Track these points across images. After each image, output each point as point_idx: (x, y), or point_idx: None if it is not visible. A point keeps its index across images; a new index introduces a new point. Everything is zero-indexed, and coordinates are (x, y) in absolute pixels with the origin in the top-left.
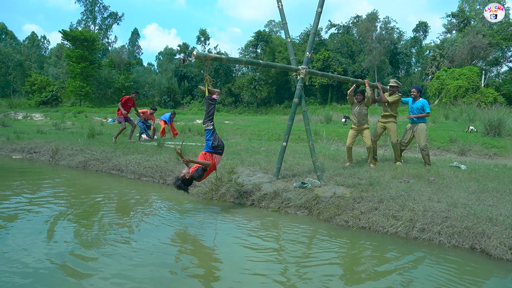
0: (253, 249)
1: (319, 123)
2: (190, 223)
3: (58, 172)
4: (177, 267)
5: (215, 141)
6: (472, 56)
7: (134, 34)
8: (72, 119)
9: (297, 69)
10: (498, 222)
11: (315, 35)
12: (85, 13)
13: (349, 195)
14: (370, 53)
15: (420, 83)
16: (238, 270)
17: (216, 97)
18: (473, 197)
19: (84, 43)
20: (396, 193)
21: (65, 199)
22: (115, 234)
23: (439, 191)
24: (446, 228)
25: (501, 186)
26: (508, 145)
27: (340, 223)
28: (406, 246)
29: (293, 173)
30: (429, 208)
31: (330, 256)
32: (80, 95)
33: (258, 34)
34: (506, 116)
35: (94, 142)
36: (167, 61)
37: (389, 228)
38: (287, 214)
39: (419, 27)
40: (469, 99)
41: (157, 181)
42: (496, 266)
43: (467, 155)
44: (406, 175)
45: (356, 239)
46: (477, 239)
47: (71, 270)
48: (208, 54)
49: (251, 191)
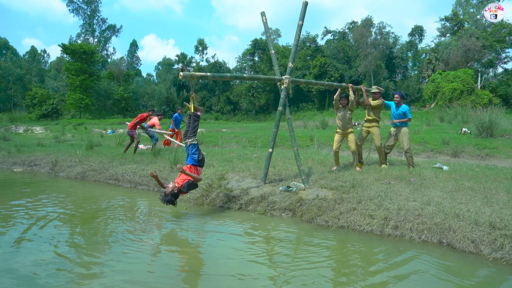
0: (238, 249)
1: (315, 128)
2: (181, 227)
3: (57, 183)
4: (167, 269)
5: (200, 155)
6: (467, 59)
7: (133, 46)
8: (72, 132)
9: (281, 79)
10: (464, 218)
11: (297, 46)
12: (83, 26)
13: (331, 197)
14: (365, 58)
15: (416, 87)
16: (225, 269)
17: (200, 114)
18: (447, 196)
19: (83, 56)
20: (375, 194)
21: (64, 207)
22: (112, 239)
23: (417, 191)
24: (417, 225)
25: (477, 185)
26: (500, 145)
27: (320, 223)
28: (379, 242)
29: (280, 177)
30: (403, 207)
31: (309, 253)
32: (80, 108)
33: (254, 42)
34: (497, 117)
35: (92, 154)
36: (166, 71)
37: (365, 226)
38: (273, 216)
39: (415, 31)
40: (464, 101)
41: (152, 189)
42: (459, 258)
43: (460, 157)
44: (389, 177)
45: (334, 238)
46: (444, 233)
47: (71, 273)
48: (194, 73)
49: (239, 196)
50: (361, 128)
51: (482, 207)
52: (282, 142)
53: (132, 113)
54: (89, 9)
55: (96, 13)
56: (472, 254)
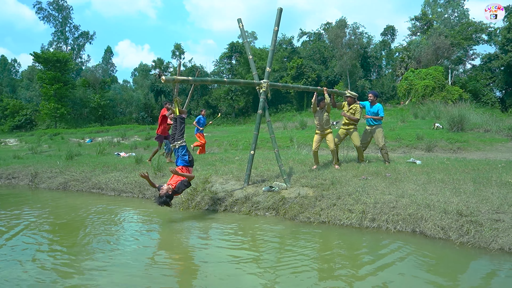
0: (225, 249)
1: (295, 129)
2: (169, 231)
3: (39, 194)
4: (156, 272)
5: (190, 156)
6: (437, 57)
7: (107, 52)
8: (48, 142)
9: (259, 83)
10: (435, 208)
11: (274, 51)
12: (55, 34)
13: (312, 195)
14: (341, 58)
15: (391, 84)
16: (214, 270)
17: (185, 116)
18: (420, 188)
19: (57, 64)
20: (353, 190)
21: (47, 217)
22: (99, 245)
23: (392, 185)
24: (392, 216)
25: (447, 177)
26: (470, 139)
27: (303, 220)
28: (358, 235)
29: (262, 178)
30: (379, 200)
31: (294, 249)
32: (55, 117)
33: (231, 46)
34: (467, 112)
35: (73, 164)
36: (143, 77)
37: (345, 220)
38: (257, 215)
39: (387, 31)
40: (436, 97)
41: (136, 196)
42: (430, 244)
43: (433, 151)
44: (366, 173)
45: (316, 233)
46: (417, 223)
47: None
48: (176, 77)
49: (224, 198)
50: (339, 128)
51: (451, 197)
52: (263, 144)
53: (110, 121)
54: (60, 16)
55: (68, 20)
56: (441, 240)
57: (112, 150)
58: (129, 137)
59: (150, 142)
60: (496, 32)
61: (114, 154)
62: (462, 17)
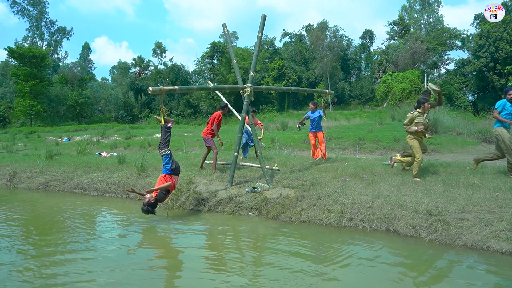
0: (209, 249)
1: (276, 130)
2: (153, 230)
3: (18, 195)
4: (138, 274)
5: (173, 164)
6: (414, 60)
7: (85, 49)
8: (23, 140)
9: (243, 87)
10: (407, 208)
11: (257, 56)
12: (30, 29)
13: (293, 195)
14: (322, 60)
15: (370, 87)
16: (198, 270)
17: (171, 125)
18: (394, 189)
19: (33, 60)
20: (332, 191)
21: (27, 219)
22: (82, 245)
23: (369, 186)
24: (368, 216)
25: (420, 178)
26: (444, 141)
27: (284, 220)
28: (336, 233)
29: (246, 179)
30: (356, 201)
31: (274, 245)
32: (30, 115)
33: (213, 46)
34: (441, 115)
35: (53, 163)
36: (122, 75)
37: (324, 220)
38: (240, 215)
39: (366, 35)
40: (413, 100)
41: (120, 196)
42: (402, 241)
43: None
44: (345, 175)
45: (296, 231)
46: (391, 222)
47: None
48: (162, 87)
49: (208, 198)
50: None
51: (422, 197)
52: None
53: (88, 119)
54: (35, 11)
55: (43, 15)
56: (412, 238)
57: (92, 149)
58: (109, 136)
59: (131, 141)
60: (469, 38)
61: (95, 154)
62: (437, 22)
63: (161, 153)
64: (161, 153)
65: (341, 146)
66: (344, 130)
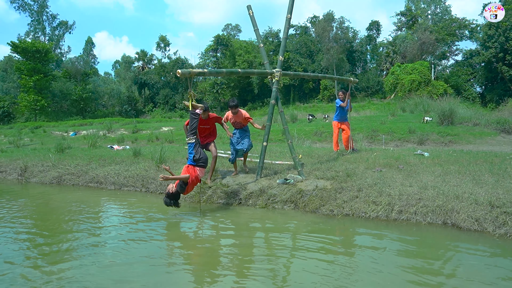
0: (246, 245)
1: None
2: (182, 225)
3: (32, 189)
4: (172, 269)
5: (197, 154)
6: (422, 52)
7: (88, 43)
8: (29, 135)
9: (272, 72)
10: (464, 199)
11: (286, 39)
12: (32, 23)
13: (330, 187)
14: (328, 52)
15: (376, 79)
16: (232, 265)
17: (199, 112)
18: (439, 180)
19: (36, 55)
20: (372, 182)
21: (44, 214)
22: (110, 242)
23: (409, 177)
24: (420, 208)
25: (461, 168)
26: (461, 132)
27: (325, 213)
28: (389, 227)
29: (273, 171)
30: (403, 192)
31: (324, 242)
32: (35, 110)
33: (217, 38)
34: (456, 106)
35: (65, 157)
36: (125, 70)
37: (370, 213)
38: (275, 209)
39: (372, 26)
40: (422, 92)
41: (139, 189)
42: (466, 236)
43: (425, 144)
44: (378, 165)
45: (343, 226)
46: (448, 215)
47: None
48: (192, 70)
49: (237, 191)
50: None
51: (474, 188)
52: (253, 138)
53: (92, 114)
54: (36, 5)
55: (44, 9)
56: (477, 232)
57: (101, 143)
58: (115, 130)
59: (138, 135)
60: (477, 28)
61: (107, 147)
62: (444, 13)
63: (186, 141)
64: (187, 141)
65: (354, 138)
66: (355, 122)
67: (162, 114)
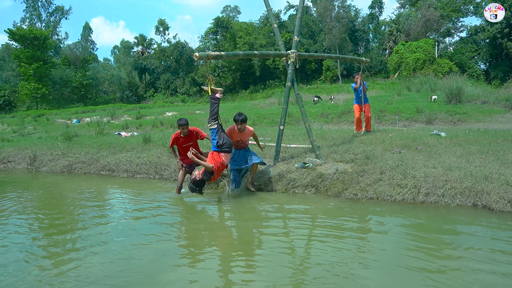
0: (274, 232)
1: (290, 104)
2: (202, 211)
3: (43, 178)
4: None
5: (220, 139)
6: (426, 29)
7: (86, 29)
8: (33, 124)
9: (287, 54)
10: (494, 180)
11: (301, 19)
12: (28, 10)
13: (351, 170)
14: (330, 32)
15: (378, 58)
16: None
17: (219, 96)
18: (463, 160)
19: (35, 42)
20: (394, 164)
21: (63, 202)
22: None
23: (431, 158)
24: (448, 190)
25: (483, 148)
26: (469, 110)
27: (349, 197)
28: (415, 210)
29: (289, 155)
30: (429, 174)
31: (352, 226)
32: (36, 98)
33: (217, 21)
34: (463, 84)
35: (74, 145)
36: (125, 55)
37: (396, 196)
38: (295, 194)
39: (374, 4)
40: (427, 71)
41: (153, 176)
42: (499, 218)
43: (433, 124)
44: (396, 146)
45: (367, 209)
46: (478, 196)
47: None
48: (209, 53)
49: (255, 176)
50: None
51: (502, 168)
52: (260, 120)
53: (93, 101)
54: None
55: None
56: (510, 214)
57: (107, 130)
58: (119, 116)
59: (142, 121)
60: (482, 4)
61: (115, 134)
62: None
63: (208, 127)
64: (208, 127)
65: None
66: None
67: (163, 99)
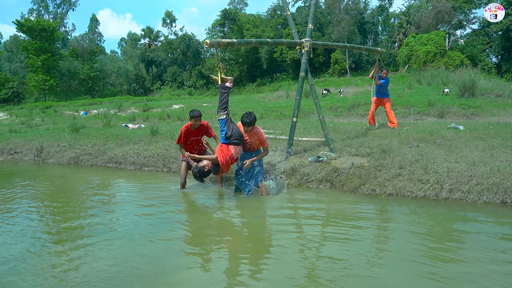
0: (286, 224)
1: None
2: (209, 204)
3: (50, 170)
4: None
5: (229, 130)
6: (437, 21)
7: (93, 21)
8: (40, 115)
9: (301, 42)
10: None
11: (316, 6)
12: (35, 1)
13: (367, 164)
14: (338, 24)
15: (388, 51)
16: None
17: (229, 85)
18: (486, 155)
19: (43, 34)
20: (413, 158)
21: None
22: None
23: (452, 152)
24: (474, 187)
25: (506, 142)
26: (483, 104)
27: (366, 192)
28: (439, 208)
29: (302, 148)
30: (452, 169)
31: (369, 224)
32: (44, 90)
33: (224, 13)
34: (477, 77)
35: (81, 137)
36: (132, 47)
37: (417, 192)
38: (310, 189)
39: None
40: (438, 63)
41: (160, 169)
42: None
43: (446, 117)
44: (412, 140)
45: (387, 206)
46: (507, 193)
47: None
48: (220, 40)
49: (267, 170)
50: None
51: None
52: (267, 113)
53: (100, 93)
54: None
55: None
56: None
57: (114, 122)
58: (126, 108)
59: (149, 113)
60: None
61: (122, 126)
62: None
63: (217, 117)
64: (217, 117)
65: None
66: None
67: (170, 92)
